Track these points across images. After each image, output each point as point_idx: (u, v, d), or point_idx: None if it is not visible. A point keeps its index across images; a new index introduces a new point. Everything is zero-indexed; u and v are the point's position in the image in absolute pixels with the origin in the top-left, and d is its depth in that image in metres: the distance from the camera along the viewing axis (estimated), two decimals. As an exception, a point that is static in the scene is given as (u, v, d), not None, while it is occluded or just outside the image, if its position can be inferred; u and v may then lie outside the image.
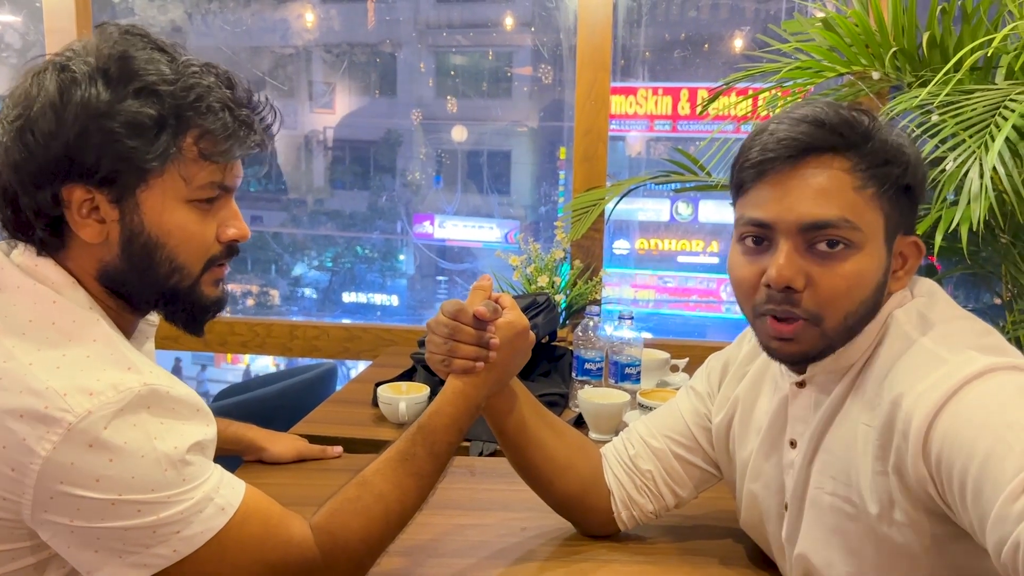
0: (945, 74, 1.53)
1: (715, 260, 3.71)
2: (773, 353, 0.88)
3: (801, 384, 0.92)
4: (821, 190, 0.82)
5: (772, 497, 0.98)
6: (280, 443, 1.40)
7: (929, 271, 2.13)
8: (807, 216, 0.82)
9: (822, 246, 0.82)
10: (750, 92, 1.99)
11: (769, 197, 0.84)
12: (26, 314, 0.80)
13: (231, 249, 0.89)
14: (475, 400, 0.99)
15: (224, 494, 0.82)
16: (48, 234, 0.82)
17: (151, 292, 0.86)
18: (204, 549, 0.79)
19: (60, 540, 0.77)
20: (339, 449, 1.46)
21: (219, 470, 0.84)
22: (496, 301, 1.03)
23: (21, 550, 0.80)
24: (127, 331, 0.88)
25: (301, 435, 1.49)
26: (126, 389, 0.76)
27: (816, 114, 0.84)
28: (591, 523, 1.13)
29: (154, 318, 0.97)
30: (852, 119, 0.84)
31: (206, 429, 0.83)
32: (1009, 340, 1.77)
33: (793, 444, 0.94)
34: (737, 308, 0.92)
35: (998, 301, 2.09)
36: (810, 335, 0.84)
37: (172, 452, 0.78)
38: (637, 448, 1.10)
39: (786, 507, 0.95)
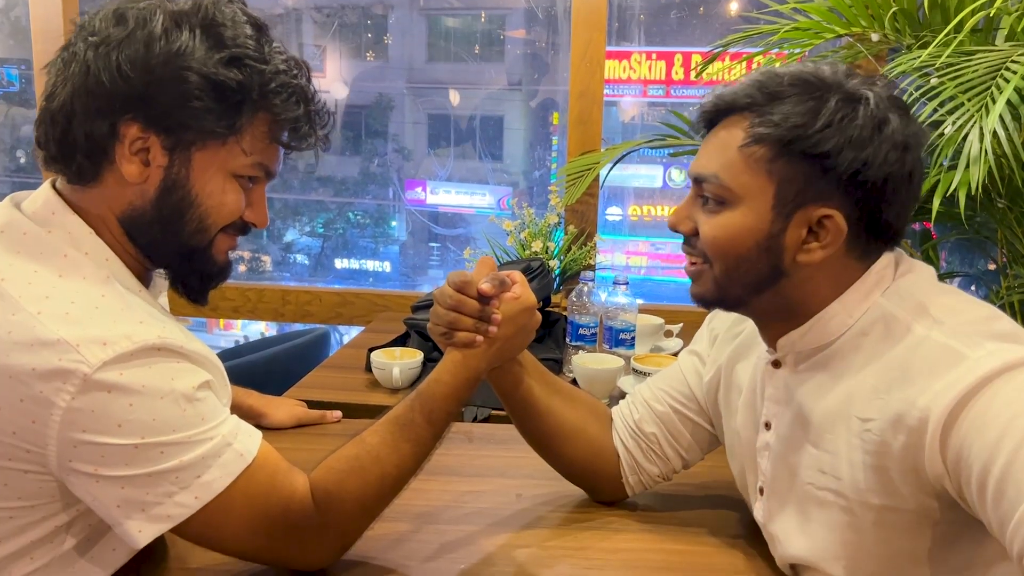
0: (946, 35, 1.51)
1: (708, 226, 3.69)
2: None
3: (776, 364, 0.91)
4: (714, 146, 0.86)
5: (749, 474, 0.98)
6: (280, 410, 1.39)
7: (924, 236, 2.12)
8: (695, 169, 0.88)
9: (704, 197, 0.87)
10: (744, 56, 1.96)
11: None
12: (32, 264, 0.79)
13: (245, 227, 0.91)
14: (475, 371, 0.97)
15: (242, 440, 0.83)
16: (89, 163, 0.82)
17: (169, 246, 0.87)
18: (217, 499, 0.79)
19: (86, 491, 0.78)
20: (338, 414, 1.45)
21: (235, 417, 0.85)
22: (508, 277, 1.00)
23: (52, 505, 0.80)
24: (144, 281, 0.89)
25: (296, 399, 1.48)
26: (140, 340, 0.76)
27: (754, 75, 0.85)
28: (600, 488, 1.13)
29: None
30: (769, 80, 0.83)
31: (219, 383, 0.84)
32: (1003, 306, 1.78)
33: (768, 426, 0.93)
34: None
35: (992, 266, 2.08)
36: (705, 277, 0.88)
37: (189, 391, 0.79)
38: (641, 412, 1.10)
39: (761, 491, 0.94)
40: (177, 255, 0.88)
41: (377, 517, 0.92)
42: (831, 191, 0.81)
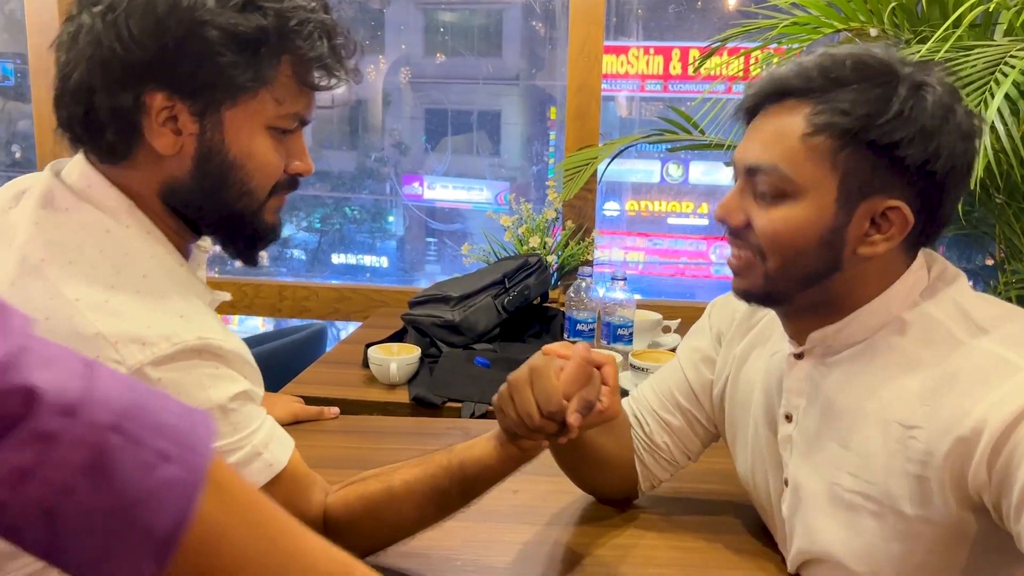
0: (944, 31, 1.50)
1: (704, 222, 3.69)
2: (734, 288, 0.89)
3: (799, 356, 0.88)
4: (770, 134, 0.81)
5: (771, 469, 0.96)
6: (276, 406, 1.38)
7: (922, 232, 2.11)
8: (748, 159, 0.82)
9: (760, 189, 0.81)
10: (741, 51, 1.95)
11: (744, 138, 0.84)
12: (74, 240, 0.76)
13: (293, 181, 0.87)
14: (528, 460, 0.91)
15: (273, 450, 0.80)
16: (119, 140, 0.77)
17: (216, 214, 0.83)
18: None
19: None
20: (336, 410, 1.44)
21: (270, 422, 0.82)
22: (602, 371, 0.89)
23: None
24: (185, 253, 0.85)
25: (293, 396, 1.48)
26: (180, 341, 0.73)
27: (812, 58, 0.80)
28: (613, 496, 1.12)
29: (206, 243, 0.92)
30: (831, 65, 0.78)
31: (254, 385, 0.81)
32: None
33: (789, 418, 0.90)
34: (726, 269, 0.90)
35: (990, 262, 2.08)
36: (755, 271, 0.83)
37: (224, 401, 0.76)
38: (652, 425, 1.08)
39: (786, 483, 0.92)
40: (226, 221, 0.84)
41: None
42: (897, 182, 0.78)
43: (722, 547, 1.01)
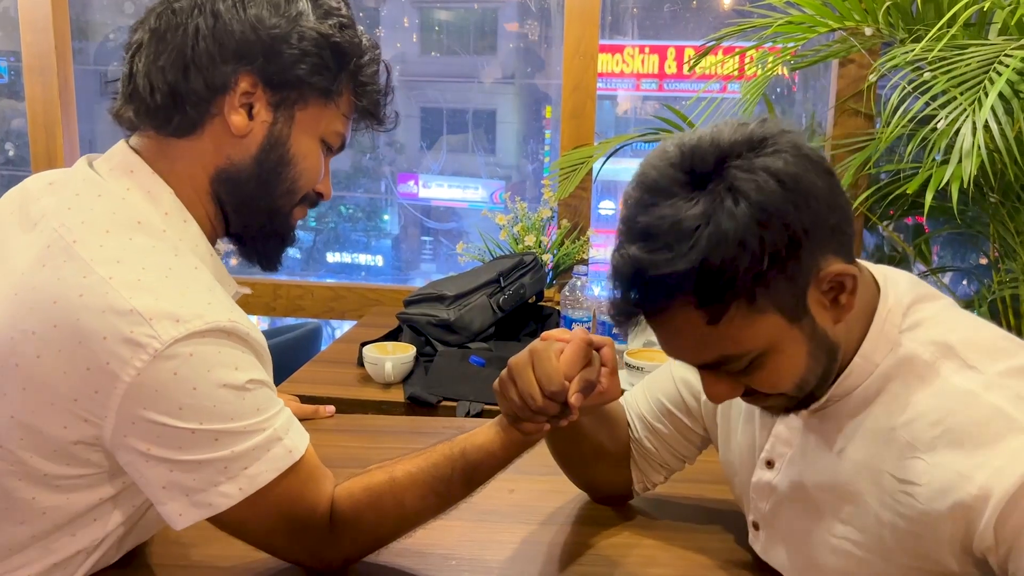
0: (939, 29, 1.51)
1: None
2: None
3: None
4: (684, 341, 0.75)
5: (743, 497, 0.95)
6: None
7: (917, 231, 2.12)
8: (690, 362, 0.78)
9: (729, 371, 0.77)
10: (736, 51, 1.96)
11: (658, 339, 0.78)
12: (104, 224, 0.78)
13: (316, 199, 0.93)
14: (529, 447, 0.91)
15: (292, 437, 0.82)
16: (196, 114, 0.83)
17: (259, 204, 0.88)
18: (258, 492, 0.78)
19: (135, 467, 0.77)
20: (331, 408, 1.44)
21: (288, 411, 0.83)
22: (601, 353, 0.89)
23: (99, 476, 0.80)
24: (213, 244, 0.89)
25: (290, 395, 1.47)
26: (213, 321, 0.75)
27: (633, 271, 0.71)
28: (609, 495, 1.12)
29: (219, 248, 0.95)
30: (652, 252, 0.70)
31: (270, 378, 0.83)
32: (995, 300, 1.78)
33: (771, 464, 0.88)
34: None
35: (984, 261, 2.09)
36: (780, 402, 0.81)
37: (247, 382, 0.78)
38: (641, 431, 1.07)
39: (756, 526, 0.91)
40: (264, 215, 0.89)
41: (387, 546, 0.91)
42: (814, 260, 0.72)
43: (719, 548, 1.01)
